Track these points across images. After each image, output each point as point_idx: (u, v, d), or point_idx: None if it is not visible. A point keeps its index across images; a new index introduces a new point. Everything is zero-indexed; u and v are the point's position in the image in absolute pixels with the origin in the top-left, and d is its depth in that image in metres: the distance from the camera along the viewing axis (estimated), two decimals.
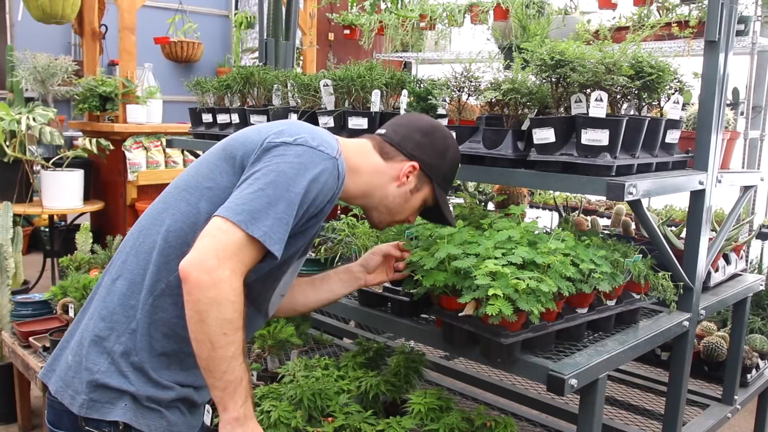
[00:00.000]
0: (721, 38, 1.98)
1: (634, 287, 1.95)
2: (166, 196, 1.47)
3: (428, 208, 1.71)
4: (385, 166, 1.60)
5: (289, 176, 1.33)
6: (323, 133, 1.47)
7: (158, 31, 6.76)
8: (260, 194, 1.30)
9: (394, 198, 1.61)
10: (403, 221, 1.70)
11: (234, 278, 1.28)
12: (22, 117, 4.11)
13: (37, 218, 5.90)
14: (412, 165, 1.60)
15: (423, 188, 1.64)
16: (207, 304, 1.25)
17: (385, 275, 1.83)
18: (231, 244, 1.27)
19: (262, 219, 1.29)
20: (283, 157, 1.35)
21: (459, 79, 2.01)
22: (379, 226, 1.68)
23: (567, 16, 4.00)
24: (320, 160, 1.37)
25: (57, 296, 3.01)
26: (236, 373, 1.31)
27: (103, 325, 1.40)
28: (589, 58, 1.75)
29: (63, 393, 1.39)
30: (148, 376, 1.39)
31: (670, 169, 2.04)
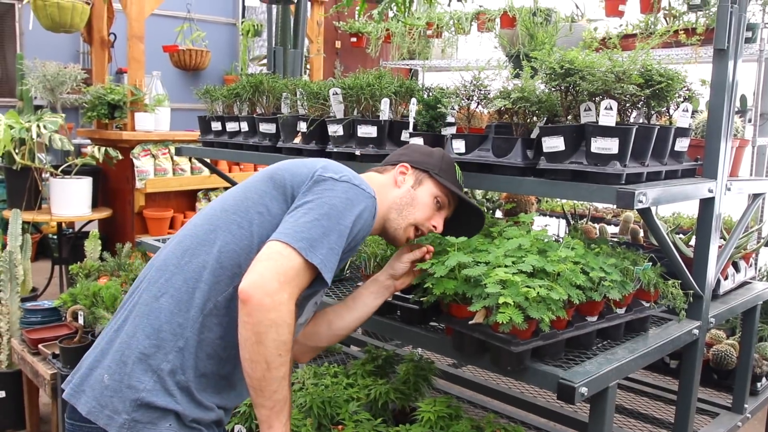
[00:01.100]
0: (730, 46, 1.98)
1: (644, 295, 1.94)
2: (213, 218, 1.50)
3: (453, 216, 1.77)
4: (382, 178, 1.73)
5: (339, 210, 1.42)
6: (354, 174, 1.56)
7: (166, 39, 6.80)
8: (316, 224, 1.38)
9: (400, 199, 1.69)
10: (428, 228, 1.72)
11: (291, 302, 1.33)
12: (32, 125, 4.13)
13: (45, 225, 5.93)
14: (402, 165, 1.74)
15: (423, 181, 1.72)
16: (267, 326, 1.29)
17: (412, 276, 1.84)
18: (291, 269, 1.33)
19: (318, 247, 1.36)
20: (333, 191, 1.44)
21: (468, 87, 2.02)
22: (400, 239, 1.71)
23: (574, 24, 4.01)
24: (363, 198, 1.48)
25: (67, 303, 3.02)
26: (284, 392, 1.36)
27: (148, 342, 1.39)
28: (598, 67, 1.76)
29: (98, 414, 1.36)
30: (192, 396, 1.40)
31: (679, 177, 2.04)
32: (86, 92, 4.81)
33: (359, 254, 2.11)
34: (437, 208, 1.73)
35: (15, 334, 3.39)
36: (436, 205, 1.73)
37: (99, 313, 2.76)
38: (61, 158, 4.93)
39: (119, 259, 3.54)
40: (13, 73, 6.12)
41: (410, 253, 1.80)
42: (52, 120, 4.22)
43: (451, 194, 1.75)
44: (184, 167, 5.04)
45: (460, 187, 1.80)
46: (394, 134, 2.30)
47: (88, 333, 2.97)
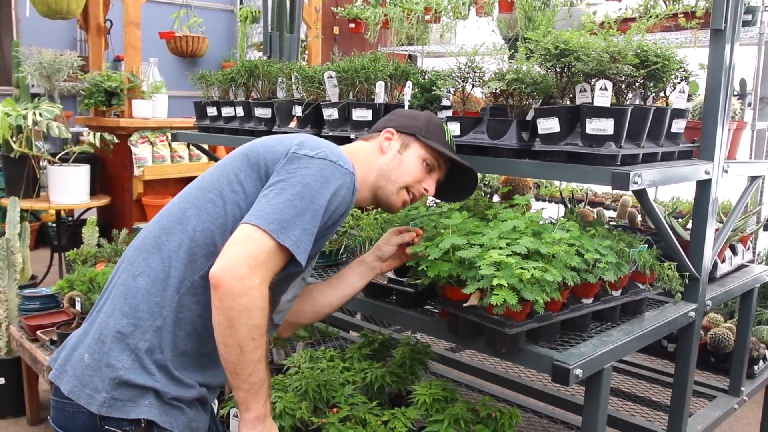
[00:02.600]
0: (727, 27, 1.97)
1: (640, 277, 1.94)
2: (189, 196, 1.49)
3: (446, 179, 1.75)
4: (369, 146, 1.71)
5: (313, 189, 1.39)
6: (336, 148, 1.53)
7: (163, 26, 6.76)
8: (288, 204, 1.35)
9: (387, 165, 1.67)
10: (419, 191, 1.70)
11: (263, 286, 1.32)
12: (29, 112, 4.12)
13: (44, 214, 5.93)
14: (387, 130, 1.71)
15: (410, 145, 1.69)
16: (238, 311, 1.28)
17: (399, 260, 1.84)
18: (262, 252, 1.31)
19: (291, 228, 1.34)
20: (308, 169, 1.41)
21: (463, 70, 2.01)
22: (394, 204, 1.70)
23: (573, 8, 3.97)
24: (340, 174, 1.44)
25: (64, 290, 3.02)
26: (260, 375, 1.36)
27: (126, 321, 1.39)
28: (593, 47, 1.74)
29: (79, 393, 1.36)
30: (170, 374, 1.40)
31: (675, 158, 2.03)
32: (83, 79, 4.79)
33: (355, 238, 2.11)
34: (427, 171, 1.71)
35: (13, 321, 3.39)
36: (425, 167, 1.70)
37: (95, 298, 2.75)
38: (59, 146, 4.92)
39: (116, 245, 3.54)
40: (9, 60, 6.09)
41: (398, 237, 1.80)
42: (48, 108, 4.20)
43: (440, 156, 1.72)
44: (182, 154, 5.03)
45: (450, 148, 1.76)
46: None
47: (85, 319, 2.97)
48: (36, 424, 3.37)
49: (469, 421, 1.93)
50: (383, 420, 1.98)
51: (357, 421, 1.98)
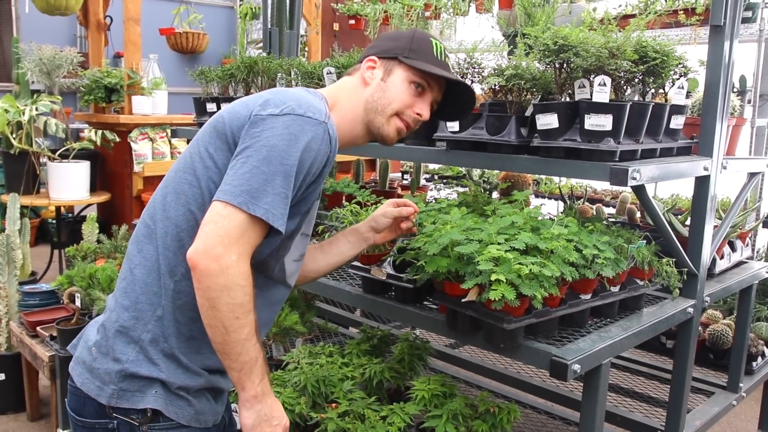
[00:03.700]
0: (727, 23, 1.97)
1: (638, 273, 1.94)
2: (167, 180, 1.46)
3: (444, 97, 1.64)
4: (352, 81, 1.61)
5: (281, 149, 1.31)
6: (308, 97, 1.43)
7: (163, 22, 6.76)
8: (256, 172, 1.30)
9: (371, 96, 1.56)
10: (412, 117, 1.59)
11: (242, 262, 1.29)
12: (26, 108, 4.12)
13: (44, 210, 5.93)
14: (368, 59, 1.60)
15: (393, 69, 1.57)
16: (218, 291, 1.27)
17: (394, 233, 1.82)
18: (235, 228, 1.28)
19: (261, 197, 1.29)
20: (273, 130, 1.33)
21: (462, 66, 2.01)
22: (388, 135, 1.58)
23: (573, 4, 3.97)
24: (309, 127, 1.35)
25: (63, 286, 3.03)
26: (251, 353, 1.33)
27: (127, 315, 1.40)
28: (592, 43, 1.74)
29: (90, 385, 1.39)
30: (178, 362, 1.40)
31: (674, 155, 2.03)
32: (83, 76, 4.78)
33: None
34: (417, 94, 1.58)
35: (14, 317, 3.40)
36: (414, 90, 1.57)
37: (95, 294, 2.76)
38: (59, 142, 4.92)
39: (116, 241, 3.54)
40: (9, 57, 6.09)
41: (396, 209, 1.77)
42: (45, 102, 4.20)
43: (428, 75, 1.57)
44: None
45: (440, 64, 1.60)
46: None
47: (84, 315, 2.98)
48: (36, 419, 3.38)
49: (467, 416, 1.94)
50: (382, 415, 1.98)
51: (356, 417, 1.99)
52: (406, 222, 1.80)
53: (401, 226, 1.80)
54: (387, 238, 1.83)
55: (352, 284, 2.14)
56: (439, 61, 1.60)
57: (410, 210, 1.78)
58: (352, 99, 1.57)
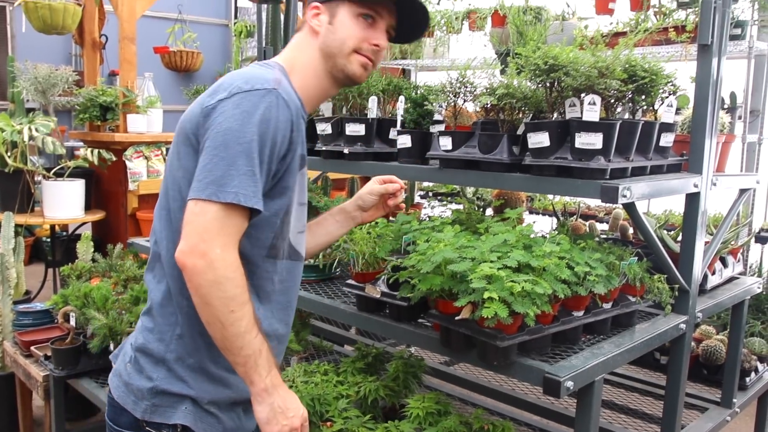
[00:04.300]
0: (714, 42, 2.00)
1: (630, 290, 1.96)
2: (160, 200, 1.48)
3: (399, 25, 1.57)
4: (302, 36, 1.55)
5: (235, 130, 1.30)
6: (256, 70, 1.41)
7: (158, 40, 6.80)
8: (216, 161, 1.29)
9: (324, 43, 1.50)
10: (370, 49, 1.51)
11: (227, 253, 1.29)
12: (24, 127, 4.13)
13: (39, 229, 5.92)
14: (312, 6, 1.53)
15: (337, 9, 1.50)
16: (208, 287, 1.27)
17: (382, 210, 1.82)
18: (211, 221, 1.28)
19: (227, 183, 1.28)
20: (224, 114, 1.32)
21: (454, 85, 2.03)
22: (354, 73, 1.52)
23: (564, 22, 4.02)
24: (259, 98, 1.32)
25: (58, 305, 3.02)
26: (253, 346, 1.32)
27: (151, 337, 1.43)
28: (582, 63, 1.77)
29: (125, 398, 1.43)
30: (208, 374, 1.41)
31: (664, 172, 2.06)
32: (78, 94, 4.80)
33: (348, 252, 2.12)
34: (369, 25, 1.51)
35: (7, 337, 3.38)
36: (365, 22, 1.50)
37: (90, 314, 2.75)
38: (53, 160, 4.92)
39: (110, 260, 3.54)
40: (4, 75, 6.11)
41: (381, 186, 1.77)
42: (43, 122, 4.21)
43: (374, 2, 1.50)
44: None
45: None
46: (383, 132, 2.31)
47: (79, 334, 2.97)
48: None
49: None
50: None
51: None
52: (392, 198, 1.80)
53: (388, 203, 1.80)
54: (375, 216, 1.82)
55: (346, 302, 2.15)
56: None
57: (396, 186, 1.77)
58: (307, 53, 1.52)
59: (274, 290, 1.47)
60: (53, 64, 4.76)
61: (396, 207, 1.83)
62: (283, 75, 1.45)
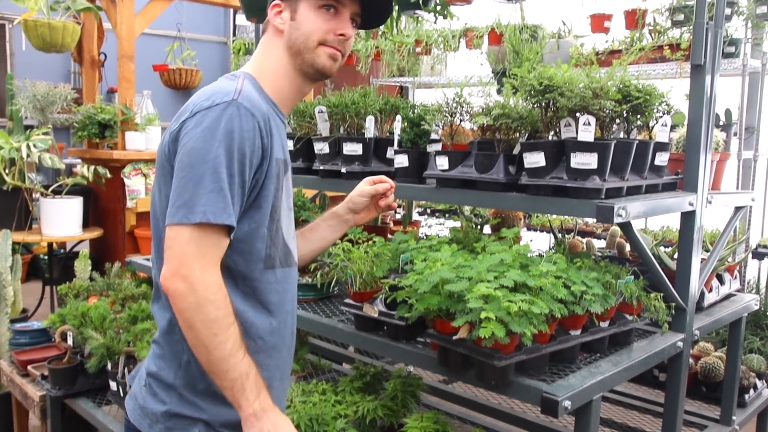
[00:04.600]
0: (707, 61, 2.02)
1: (627, 308, 1.96)
2: (153, 230, 1.47)
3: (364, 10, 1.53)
4: (267, 37, 1.52)
5: (198, 149, 1.29)
6: (219, 84, 1.40)
7: (157, 58, 6.83)
8: (184, 182, 1.29)
9: (289, 40, 1.47)
10: (337, 39, 1.48)
11: (207, 275, 1.29)
12: (22, 144, 4.14)
13: (36, 246, 5.91)
14: (273, 5, 1.50)
15: (298, 4, 1.47)
16: (191, 311, 1.28)
17: (374, 212, 1.81)
18: (186, 244, 1.28)
19: (195, 204, 1.28)
20: (188, 135, 1.32)
21: (451, 105, 2.05)
22: (324, 66, 1.49)
23: (560, 40, 4.05)
24: (219, 113, 1.31)
25: (55, 324, 3.01)
26: (239, 369, 1.31)
27: (161, 363, 1.44)
28: (577, 84, 1.78)
29: (141, 421, 1.45)
30: (218, 397, 1.39)
31: (660, 191, 2.07)
32: (77, 112, 4.82)
33: (345, 270, 2.12)
34: (332, 16, 1.47)
35: (4, 356, 3.37)
36: (327, 13, 1.47)
37: (88, 333, 2.75)
38: (51, 177, 4.93)
39: (108, 279, 3.53)
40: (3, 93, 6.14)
41: (371, 188, 1.76)
42: (41, 139, 4.22)
43: None
44: None
45: None
46: (380, 151, 2.32)
47: (77, 353, 2.96)
48: None
49: None
50: None
51: None
52: (383, 199, 1.79)
53: (379, 204, 1.79)
54: (367, 218, 1.81)
55: (344, 321, 2.15)
56: None
57: (386, 186, 1.76)
58: (275, 53, 1.49)
59: (279, 299, 1.47)
60: (52, 82, 4.78)
61: (388, 207, 1.81)
62: (250, 82, 1.43)
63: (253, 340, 1.42)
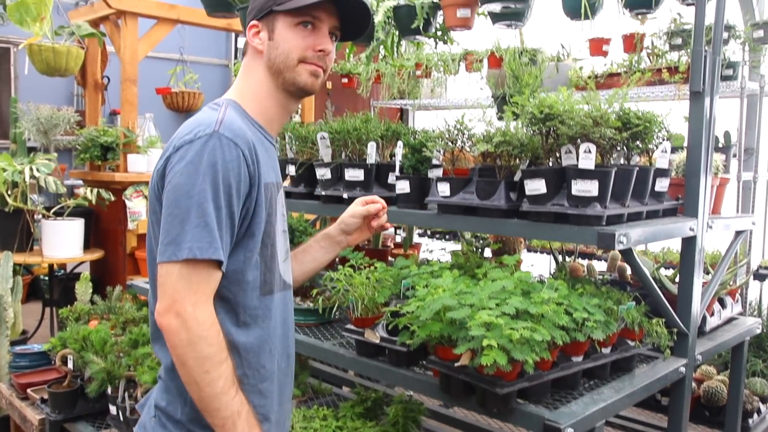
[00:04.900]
0: (706, 88, 2.04)
1: (629, 334, 1.96)
2: (148, 272, 1.47)
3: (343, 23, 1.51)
4: (248, 60, 1.51)
5: (183, 185, 1.29)
6: (204, 114, 1.40)
7: (160, 80, 6.88)
8: (170, 219, 1.29)
9: (269, 60, 1.46)
10: (317, 55, 1.46)
11: (199, 311, 1.28)
12: (25, 167, 4.16)
13: (36, 267, 5.91)
14: (251, 26, 1.49)
15: (275, 23, 1.45)
16: (183, 347, 1.28)
17: (367, 232, 1.79)
18: (177, 281, 1.28)
19: (182, 240, 1.27)
20: (173, 171, 1.31)
21: (452, 132, 2.06)
22: (306, 84, 1.47)
23: (560, 64, 4.09)
24: (201, 146, 1.30)
25: (56, 348, 3.00)
26: (231, 407, 1.31)
27: (169, 398, 1.42)
28: (577, 112, 1.80)
29: None
30: None
31: (660, 216, 2.08)
32: (79, 134, 4.85)
33: (347, 296, 2.12)
34: (309, 32, 1.45)
35: (3, 379, 3.36)
36: (304, 30, 1.45)
37: (88, 357, 2.74)
38: (53, 199, 4.95)
39: (109, 302, 3.53)
40: (7, 114, 6.18)
41: (363, 208, 1.74)
42: (45, 163, 4.25)
43: (308, 8, 1.43)
44: None
45: None
46: (381, 177, 2.34)
47: (77, 377, 2.95)
48: None
49: None
50: None
51: None
52: (375, 219, 1.77)
53: (372, 224, 1.77)
54: (360, 239, 1.79)
55: (345, 347, 2.15)
56: None
57: (378, 207, 1.75)
58: (256, 75, 1.48)
59: (278, 325, 1.47)
60: (55, 104, 4.82)
61: (380, 227, 1.80)
62: (233, 109, 1.42)
63: (255, 369, 1.42)
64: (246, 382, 1.40)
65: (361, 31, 1.58)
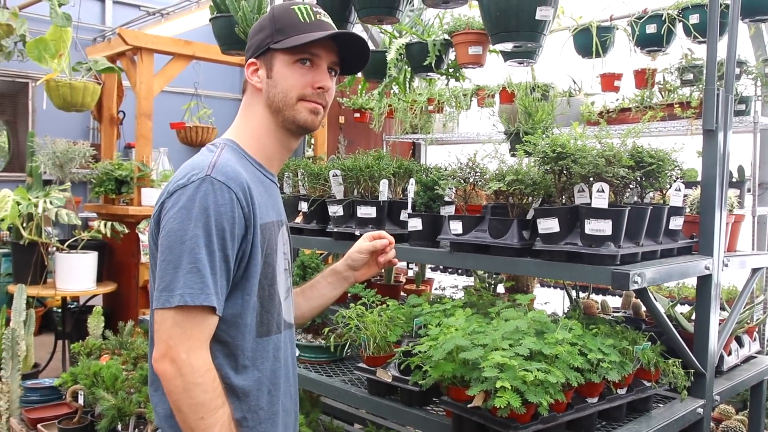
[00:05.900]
0: (719, 126, 2.03)
1: (645, 375, 1.93)
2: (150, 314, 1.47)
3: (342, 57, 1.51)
4: (248, 96, 1.51)
5: (176, 230, 1.29)
6: (200, 157, 1.39)
7: (174, 114, 6.96)
8: (164, 265, 1.29)
9: (268, 98, 1.46)
10: (316, 92, 1.46)
11: (194, 357, 1.28)
12: (40, 200, 4.21)
13: (49, 299, 5.94)
14: (249, 64, 1.49)
15: (273, 61, 1.45)
16: (178, 394, 1.27)
17: (375, 268, 1.75)
18: (170, 328, 1.28)
19: (174, 287, 1.27)
20: (167, 217, 1.31)
21: (464, 170, 2.07)
22: (305, 121, 1.47)
23: (571, 99, 4.11)
24: (193, 191, 1.30)
25: (67, 383, 3.01)
26: None
27: (166, 423, 1.40)
28: (589, 151, 1.80)
29: None
30: None
31: (675, 255, 2.06)
32: (95, 168, 4.91)
33: (359, 334, 2.11)
34: (308, 69, 1.45)
35: (14, 413, 3.35)
36: (302, 67, 1.45)
37: (99, 393, 2.74)
38: (68, 231, 4.99)
39: (121, 337, 3.54)
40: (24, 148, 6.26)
41: (369, 244, 1.71)
42: (57, 196, 4.29)
43: (306, 45, 1.43)
44: None
45: (314, 26, 1.45)
46: (394, 214, 2.34)
47: (87, 413, 2.95)
48: None
49: None
50: None
51: None
52: (383, 255, 1.73)
53: (379, 260, 1.73)
54: (367, 275, 1.76)
55: (357, 385, 2.13)
56: (309, 24, 1.45)
57: (385, 242, 1.72)
58: (256, 113, 1.48)
59: (279, 366, 1.46)
60: (71, 138, 4.90)
61: (388, 263, 1.76)
62: (230, 150, 1.42)
63: (254, 411, 1.40)
64: (245, 425, 1.39)
65: (360, 65, 1.57)
